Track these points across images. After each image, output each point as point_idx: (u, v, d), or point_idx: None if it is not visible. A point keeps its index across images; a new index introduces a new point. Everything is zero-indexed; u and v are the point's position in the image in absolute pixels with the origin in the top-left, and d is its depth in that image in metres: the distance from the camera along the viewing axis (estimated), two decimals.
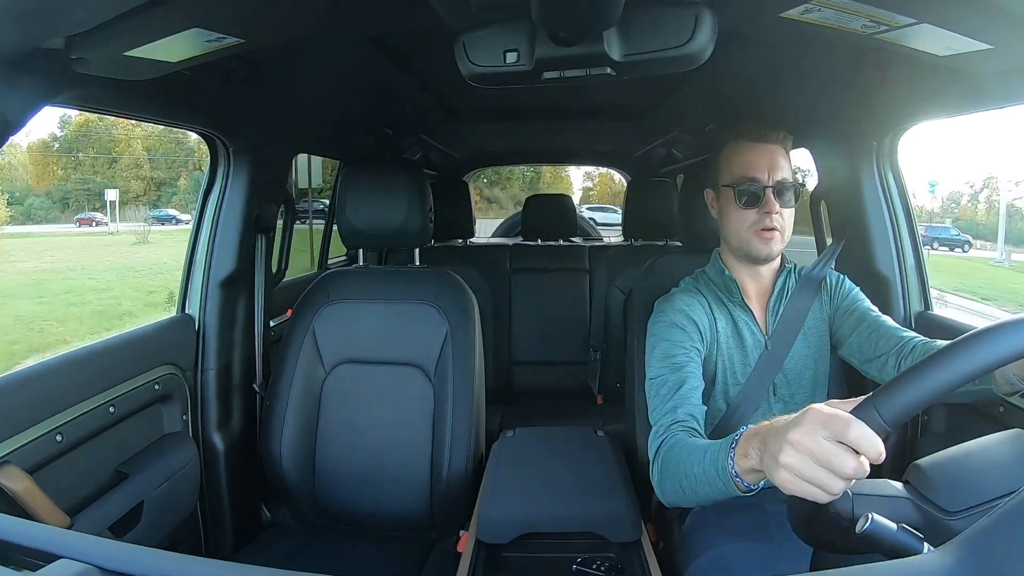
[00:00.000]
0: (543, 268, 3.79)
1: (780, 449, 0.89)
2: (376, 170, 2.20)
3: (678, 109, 2.82)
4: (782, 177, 1.62)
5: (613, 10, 1.14)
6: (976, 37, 1.15)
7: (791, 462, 0.86)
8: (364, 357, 2.08)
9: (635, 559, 1.58)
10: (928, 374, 0.80)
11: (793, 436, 0.87)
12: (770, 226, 1.61)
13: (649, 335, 1.68)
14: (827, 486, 0.83)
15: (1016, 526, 0.59)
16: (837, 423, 0.83)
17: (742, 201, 1.63)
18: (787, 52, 1.73)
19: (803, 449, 0.85)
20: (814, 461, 0.84)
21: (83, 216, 18.00)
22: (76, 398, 1.57)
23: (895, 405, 0.81)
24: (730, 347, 1.68)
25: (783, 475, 0.88)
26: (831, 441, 0.83)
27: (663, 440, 1.42)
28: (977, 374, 0.81)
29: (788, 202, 1.63)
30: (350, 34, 1.68)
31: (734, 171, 1.66)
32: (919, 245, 2.05)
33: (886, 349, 1.56)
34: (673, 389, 1.51)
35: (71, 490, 1.56)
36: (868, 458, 0.81)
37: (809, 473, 0.84)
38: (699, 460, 1.23)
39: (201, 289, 2.12)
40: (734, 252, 1.72)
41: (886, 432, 0.81)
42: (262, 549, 1.95)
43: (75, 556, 0.70)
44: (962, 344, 0.81)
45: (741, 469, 1.09)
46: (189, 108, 1.88)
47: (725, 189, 1.68)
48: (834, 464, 0.82)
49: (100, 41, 1.16)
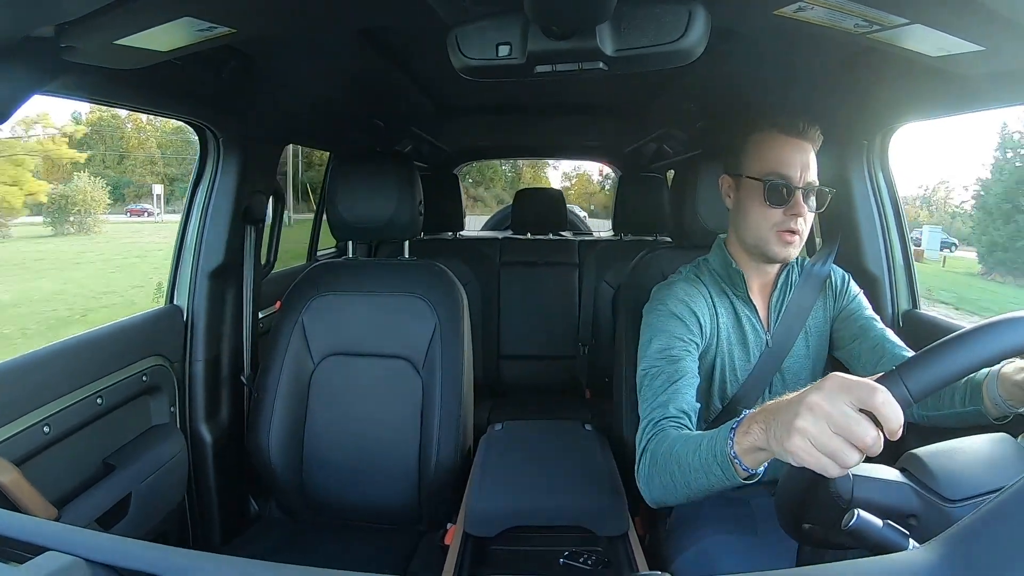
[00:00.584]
0: (532, 262, 3.80)
1: (796, 414, 0.86)
2: (366, 162, 2.19)
3: (669, 105, 2.82)
4: (813, 179, 1.54)
5: (606, 5, 1.14)
6: (968, 39, 1.15)
7: (807, 426, 0.84)
8: (352, 349, 2.07)
9: (622, 552, 1.58)
10: (955, 350, 0.83)
11: (813, 398, 0.85)
12: (794, 229, 1.53)
13: (645, 324, 1.62)
14: (841, 457, 0.81)
15: (1000, 524, 0.60)
16: (862, 388, 0.81)
17: (770, 199, 1.53)
18: (779, 50, 1.73)
19: (822, 413, 0.83)
20: (832, 427, 0.82)
21: (135, 207, 18.10)
22: (64, 389, 1.57)
23: (922, 377, 0.82)
24: (731, 342, 1.63)
25: (796, 442, 0.85)
26: (852, 408, 0.81)
27: (653, 435, 1.38)
28: (999, 357, 0.84)
29: (813, 206, 1.55)
30: (342, 26, 1.67)
31: (764, 164, 1.55)
32: (908, 244, 2.06)
33: (889, 366, 1.54)
34: (667, 383, 1.45)
35: (58, 482, 1.55)
36: (889, 429, 0.79)
37: (825, 440, 0.82)
38: (695, 448, 1.19)
39: (190, 280, 2.12)
40: (747, 248, 1.64)
41: (910, 404, 0.82)
42: (250, 541, 1.94)
43: (63, 548, 0.70)
44: (989, 326, 0.84)
45: (742, 449, 1.05)
46: (179, 98, 1.86)
47: (751, 181, 1.58)
48: (854, 431, 0.80)
49: (90, 29, 1.15)
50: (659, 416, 1.41)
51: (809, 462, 0.83)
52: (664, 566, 1.62)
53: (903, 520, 0.82)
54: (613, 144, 4.41)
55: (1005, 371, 1.20)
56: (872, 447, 0.79)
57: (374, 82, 2.35)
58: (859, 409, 0.81)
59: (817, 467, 0.83)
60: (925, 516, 0.82)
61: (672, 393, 1.43)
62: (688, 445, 1.22)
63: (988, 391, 1.25)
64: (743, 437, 1.04)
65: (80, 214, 13.27)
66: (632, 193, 3.68)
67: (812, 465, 0.83)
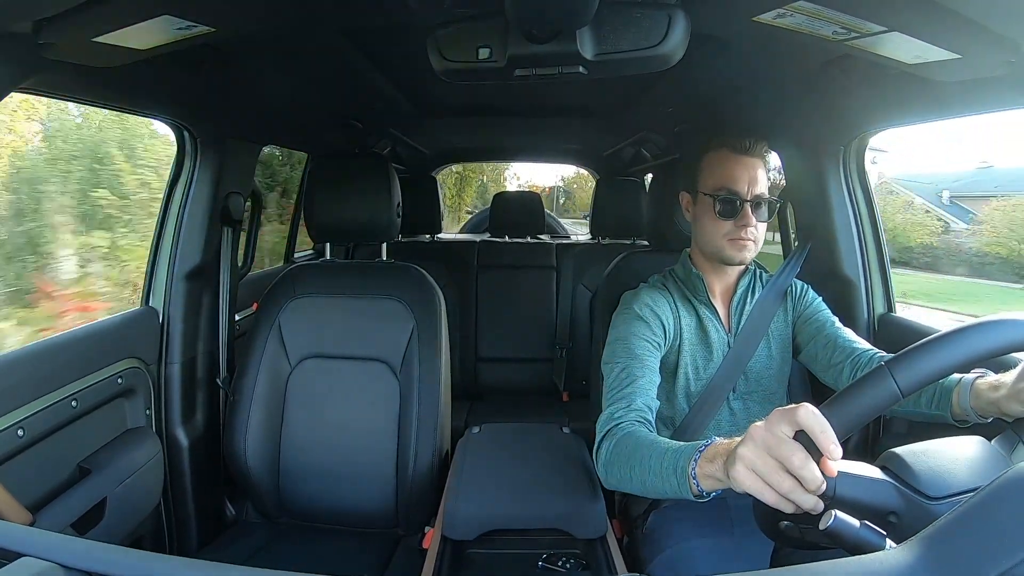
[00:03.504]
0: (510, 265, 3.81)
1: (741, 443, 0.92)
2: (344, 164, 2.19)
3: (648, 109, 2.83)
4: (760, 191, 1.65)
5: (587, 9, 1.14)
6: (944, 46, 1.17)
7: (746, 452, 0.90)
8: (330, 352, 2.06)
9: (600, 555, 1.59)
10: (942, 347, 0.87)
11: (754, 428, 0.91)
12: (745, 237, 1.64)
13: (612, 326, 1.71)
14: (774, 479, 0.85)
15: (976, 524, 0.61)
16: (790, 410, 0.86)
17: (719, 212, 1.65)
18: (758, 56, 1.75)
19: (759, 438, 0.89)
20: (766, 450, 0.87)
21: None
22: (38, 392, 1.55)
23: (910, 371, 0.86)
24: (693, 344, 1.71)
25: (738, 468, 0.91)
26: (787, 433, 0.86)
27: (618, 424, 1.45)
28: (985, 357, 0.88)
29: (763, 216, 1.66)
30: (322, 26, 1.66)
31: (715, 181, 1.67)
32: (883, 248, 2.08)
33: (841, 358, 1.60)
34: (631, 377, 1.54)
35: (33, 486, 1.53)
36: (817, 440, 0.83)
37: (759, 464, 0.87)
38: (660, 455, 1.24)
39: (166, 282, 2.09)
40: (706, 256, 1.75)
41: (898, 398, 0.85)
42: (226, 545, 1.92)
43: (38, 554, 0.69)
44: (977, 326, 0.88)
45: (702, 473, 1.11)
46: (157, 97, 1.85)
47: (703, 196, 1.70)
48: (782, 452, 0.85)
49: (69, 26, 1.14)
50: (624, 406, 1.49)
51: (749, 486, 0.89)
52: (642, 568, 1.63)
53: (883, 517, 0.83)
54: (592, 147, 4.43)
55: (979, 385, 1.24)
56: (801, 468, 0.83)
57: (353, 83, 2.34)
58: (796, 434, 0.86)
59: (755, 492, 0.88)
60: (906, 513, 0.83)
61: (637, 388, 1.53)
62: (654, 449, 1.28)
63: (959, 399, 1.28)
64: (707, 463, 1.10)
65: None
66: (610, 197, 3.71)
67: (751, 490, 0.89)
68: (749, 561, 1.39)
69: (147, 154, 3.82)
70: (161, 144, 3.81)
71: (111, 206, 3.61)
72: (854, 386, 0.90)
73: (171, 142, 2.14)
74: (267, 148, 2.95)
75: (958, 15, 1.06)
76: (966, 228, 12.55)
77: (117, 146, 3.77)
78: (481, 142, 4.58)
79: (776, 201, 1.69)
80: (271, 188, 4.86)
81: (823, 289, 1.84)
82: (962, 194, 13.29)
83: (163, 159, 3.66)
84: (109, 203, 3.62)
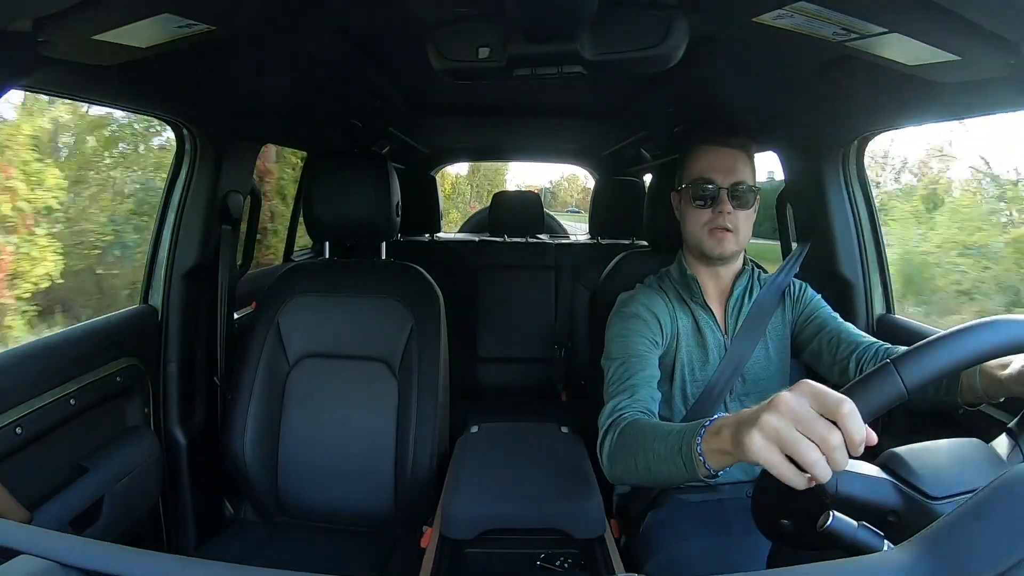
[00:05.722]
0: (509, 264, 3.81)
1: (763, 410, 0.84)
2: (343, 163, 2.18)
3: (647, 110, 2.83)
4: (738, 180, 1.66)
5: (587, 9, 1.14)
6: (945, 48, 1.17)
7: (771, 421, 0.81)
8: (328, 351, 2.06)
9: (598, 555, 1.58)
10: (948, 344, 0.87)
11: (782, 397, 0.82)
12: (723, 226, 1.65)
13: (609, 325, 1.71)
14: (802, 451, 0.78)
15: (973, 526, 0.61)
16: (830, 397, 0.79)
17: (696, 201, 1.68)
18: (758, 57, 1.74)
19: (787, 411, 0.81)
20: (796, 426, 0.79)
21: None
22: (36, 390, 1.55)
23: (916, 368, 0.85)
24: (690, 345, 1.71)
25: (755, 438, 0.82)
26: (818, 413, 0.79)
27: (622, 414, 1.43)
28: (991, 355, 0.89)
29: (744, 205, 1.67)
30: (322, 25, 1.66)
31: (692, 172, 1.70)
32: (883, 249, 2.09)
33: (846, 353, 1.59)
34: (632, 371, 1.54)
35: (31, 484, 1.52)
36: (851, 441, 0.77)
37: (786, 435, 0.79)
38: (664, 436, 1.20)
39: (164, 280, 2.09)
40: (692, 251, 1.76)
41: (904, 396, 0.84)
42: (224, 544, 1.92)
43: (36, 552, 0.69)
44: (985, 324, 0.88)
45: (709, 449, 1.03)
46: (156, 95, 1.85)
47: (684, 190, 1.73)
48: (817, 430, 0.78)
49: (68, 24, 1.14)
50: (628, 397, 1.48)
51: (765, 458, 0.81)
52: (640, 568, 1.63)
53: (883, 517, 0.82)
54: (591, 147, 4.43)
55: (988, 363, 1.21)
56: (836, 450, 0.77)
57: (352, 82, 2.34)
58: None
59: (770, 463, 0.81)
60: (906, 512, 0.82)
61: (640, 380, 1.53)
62: (657, 432, 1.25)
63: (968, 379, 1.27)
64: (712, 437, 1.03)
65: None
66: (609, 197, 3.71)
67: (765, 461, 0.81)
68: (747, 561, 1.39)
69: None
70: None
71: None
72: (858, 384, 0.87)
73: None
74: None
75: (958, 17, 1.06)
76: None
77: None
78: (480, 142, 4.58)
79: (756, 189, 1.70)
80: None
81: (822, 290, 1.84)
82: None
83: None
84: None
